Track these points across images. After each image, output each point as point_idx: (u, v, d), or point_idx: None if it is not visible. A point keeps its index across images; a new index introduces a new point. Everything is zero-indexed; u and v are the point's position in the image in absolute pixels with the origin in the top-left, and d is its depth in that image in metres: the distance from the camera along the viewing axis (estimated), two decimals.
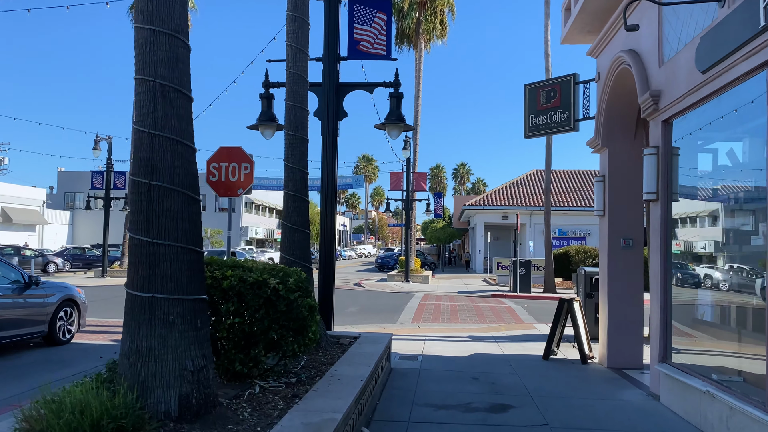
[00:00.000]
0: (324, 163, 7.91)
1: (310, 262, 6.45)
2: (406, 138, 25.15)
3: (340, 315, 13.46)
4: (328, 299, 7.80)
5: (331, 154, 7.90)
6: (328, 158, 7.89)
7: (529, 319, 13.67)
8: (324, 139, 7.90)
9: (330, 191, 7.95)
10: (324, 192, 7.97)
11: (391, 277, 26.37)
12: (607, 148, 7.97)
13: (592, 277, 10.25)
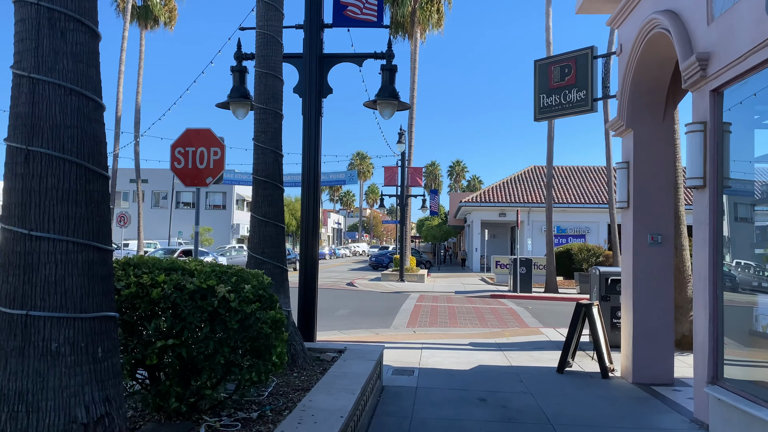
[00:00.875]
0: (306, 146, 6.82)
1: (285, 262, 5.36)
2: (401, 131, 24.07)
3: (328, 318, 12.37)
4: (310, 305, 6.71)
5: (314, 136, 6.81)
6: (311, 140, 6.81)
7: (533, 322, 12.63)
8: (306, 119, 6.81)
9: (313, 179, 6.87)
10: (306, 180, 6.88)
11: (385, 276, 25.30)
12: (632, 130, 6.91)
13: (607, 277, 9.21)
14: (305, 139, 6.83)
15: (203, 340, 3.18)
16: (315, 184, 6.88)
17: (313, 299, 6.72)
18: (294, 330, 5.23)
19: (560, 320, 13.01)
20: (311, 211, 6.85)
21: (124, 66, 28.24)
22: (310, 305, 6.70)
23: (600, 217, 35.56)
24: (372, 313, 13.88)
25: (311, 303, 6.71)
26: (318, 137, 6.85)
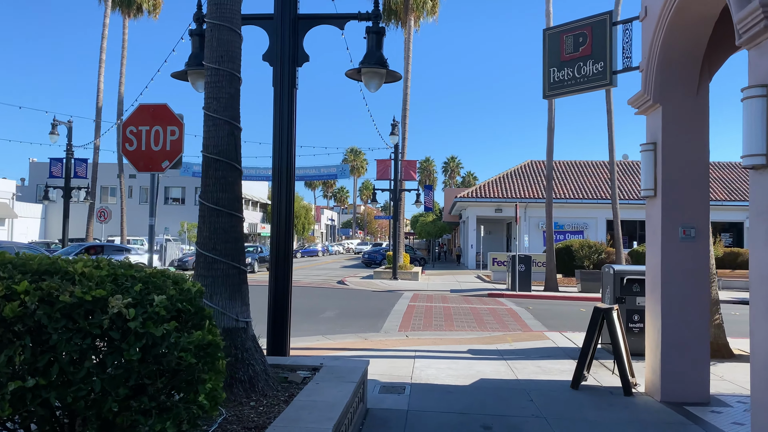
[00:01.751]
0: (277, 123, 5.78)
1: (243, 261, 4.31)
2: (394, 122, 23.02)
3: (313, 321, 11.34)
4: (282, 313, 5.68)
5: (288, 112, 5.77)
6: (284, 116, 5.76)
7: (536, 325, 11.64)
8: (277, 92, 5.77)
9: (286, 163, 5.83)
10: (277, 163, 5.84)
11: (377, 274, 24.27)
12: (660, 106, 5.89)
13: (623, 277, 8.22)
14: (277, 116, 5.78)
15: (84, 378, 2.13)
16: (288, 168, 5.84)
17: (285, 306, 5.68)
18: (253, 346, 4.19)
19: (565, 323, 12.02)
20: (284, 202, 5.81)
21: (105, 54, 27.02)
22: (282, 313, 5.66)
23: (599, 213, 34.70)
24: (361, 314, 12.85)
25: (283, 310, 5.67)
26: (292, 112, 5.81)
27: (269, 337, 5.66)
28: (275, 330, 5.63)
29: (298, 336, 9.63)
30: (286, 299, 5.70)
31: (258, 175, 31.32)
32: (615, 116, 19.92)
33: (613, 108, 19.79)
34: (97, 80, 26.98)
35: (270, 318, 5.71)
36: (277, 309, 5.68)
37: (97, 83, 27.00)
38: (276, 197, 5.80)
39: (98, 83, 26.99)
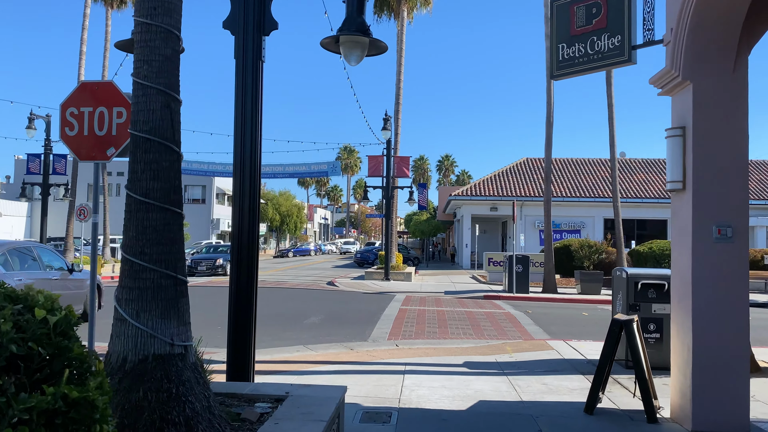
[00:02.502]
0: (240, 102, 4.87)
1: (181, 268, 3.40)
2: (386, 116, 22.12)
3: (295, 329, 10.43)
4: (244, 328, 4.77)
5: (252, 88, 4.86)
6: (247, 94, 4.86)
7: (537, 331, 10.78)
8: (240, 65, 4.86)
9: (250, 150, 4.92)
10: (240, 150, 4.93)
11: (369, 274, 23.37)
12: (690, 83, 5.03)
13: (637, 281, 7.35)
14: (239, 93, 4.87)
15: None
16: (253, 155, 4.93)
17: (248, 319, 4.77)
18: (194, 377, 3.28)
19: (568, 329, 11.17)
20: (248, 197, 4.91)
21: (85, 47, 25.96)
22: (245, 328, 4.75)
23: (595, 212, 33.97)
24: (349, 319, 11.94)
25: (246, 325, 4.76)
26: (258, 89, 4.90)
27: (229, 358, 4.75)
28: (236, 349, 4.73)
29: (277, 346, 8.74)
30: (250, 311, 4.79)
31: None
32: (614, 111, 19.13)
33: (614, 102, 18.99)
34: (78, 72, 25.93)
35: (230, 335, 4.80)
36: (238, 324, 4.77)
37: (78, 76, 25.95)
38: (238, 190, 4.90)
39: (78, 76, 25.95)
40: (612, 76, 18.78)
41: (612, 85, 18.82)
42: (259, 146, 4.97)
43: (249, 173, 4.93)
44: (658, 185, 34.68)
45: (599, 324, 11.86)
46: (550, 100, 19.18)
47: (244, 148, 4.90)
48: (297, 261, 46.68)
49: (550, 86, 19.19)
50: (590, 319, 12.64)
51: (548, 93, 19.22)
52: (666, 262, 20.59)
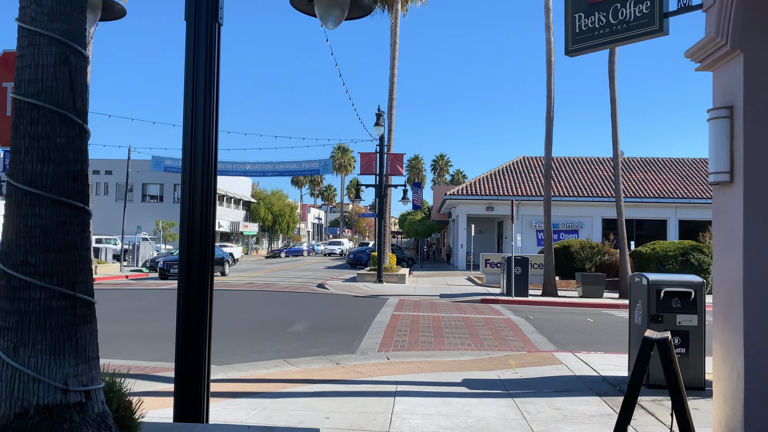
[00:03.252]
0: (190, 75, 3.95)
1: (84, 286, 2.48)
2: (379, 111, 21.21)
3: (277, 339, 9.48)
4: (195, 355, 3.86)
5: (206, 58, 3.95)
6: (200, 65, 3.95)
7: (540, 341, 9.89)
8: (191, 28, 3.95)
9: (203, 131, 4.00)
10: (191, 133, 4.00)
11: (361, 276, 22.44)
12: (741, 53, 4.15)
13: (660, 289, 6.48)
14: (190, 65, 3.96)
15: None
16: (207, 139, 4.01)
17: (200, 344, 3.86)
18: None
19: (574, 337, 10.31)
20: (201, 193, 3.99)
21: None
22: (195, 354, 3.84)
23: (594, 211, 33.20)
24: (337, 327, 11.03)
25: (197, 351, 3.85)
26: (213, 58, 3.98)
27: (177, 389, 3.83)
28: (185, 380, 3.80)
29: (254, 360, 7.82)
30: (202, 334, 3.87)
31: (235, 171, 29.37)
32: (617, 106, 18.30)
33: (617, 96, 18.16)
34: None
35: (178, 363, 3.88)
36: (188, 349, 3.85)
37: None
38: (188, 185, 3.98)
39: None
40: (615, 70, 17.95)
41: (615, 79, 18.00)
42: (214, 126, 4.05)
43: (202, 163, 4.01)
44: (658, 184, 33.97)
45: (607, 332, 11.00)
46: (550, 94, 18.33)
47: (195, 129, 3.98)
48: (289, 262, 45.72)
49: (551, 80, 18.35)
50: (596, 327, 11.78)
51: (548, 87, 18.37)
52: (670, 264, 19.79)
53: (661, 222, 33.22)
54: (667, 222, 32.90)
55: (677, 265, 19.62)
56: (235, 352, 8.44)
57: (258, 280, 24.36)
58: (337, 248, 62.78)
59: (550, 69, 18.28)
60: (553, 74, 18.33)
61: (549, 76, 18.33)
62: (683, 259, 19.67)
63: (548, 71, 18.36)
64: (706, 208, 32.24)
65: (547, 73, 18.38)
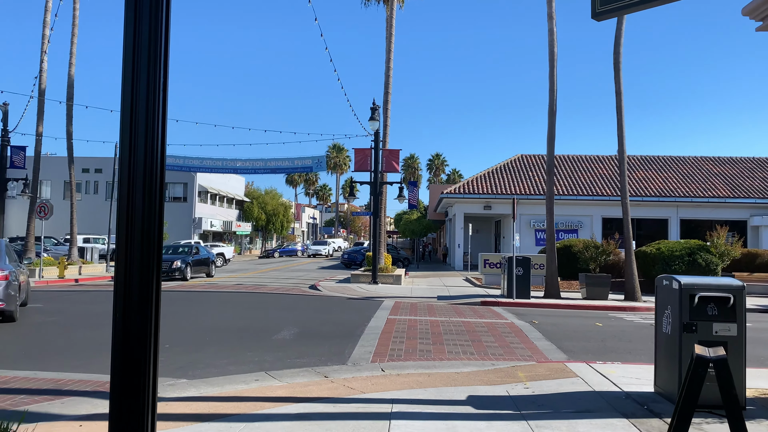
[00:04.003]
0: (129, 46, 3.09)
1: None
2: (374, 105, 20.38)
3: (261, 347, 8.60)
4: (134, 382, 3.00)
5: (151, 19, 3.09)
6: (142, 36, 3.09)
7: (549, 348, 9.08)
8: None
9: (146, 113, 3.13)
10: (130, 101, 3.14)
11: (355, 277, 21.60)
12: None
13: (693, 294, 5.66)
14: (129, 34, 3.09)
15: None
16: (150, 124, 3.15)
17: (141, 375, 3.00)
18: None
19: (585, 345, 9.50)
20: (144, 192, 3.12)
21: (48, 30, 23.95)
22: (137, 387, 2.98)
23: (593, 211, 32.49)
24: (328, 333, 10.18)
25: (138, 383, 2.99)
26: (159, 25, 3.11)
27: (111, 427, 2.97)
28: (122, 414, 2.95)
29: (232, 373, 6.98)
30: (145, 367, 3.01)
31: (225, 168, 28.47)
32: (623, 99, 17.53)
33: (623, 89, 17.39)
34: (40, 59, 23.91)
35: (114, 394, 3.02)
36: (126, 374, 2.99)
37: (40, 63, 23.93)
38: (126, 182, 3.11)
39: (41, 62, 23.92)
40: (620, 61, 17.18)
41: (620, 71, 17.23)
42: (160, 98, 3.18)
43: (145, 153, 3.14)
44: (659, 183, 33.28)
45: (619, 338, 10.20)
46: (553, 86, 17.54)
47: (136, 113, 3.11)
48: (282, 262, 44.83)
49: (553, 72, 17.56)
50: (607, 332, 10.98)
51: (551, 79, 17.58)
52: (676, 264, 19.04)
53: (662, 221, 32.54)
54: (668, 221, 32.21)
55: (684, 265, 18.89)
56: (212, 363, 7.59)
57: (248, 281, 23.47)
58: (324, 249, 56.68)
59: (552, 60, 17.50)
60: (555, 66, 17.55)
61: (552, 67, 17.54)
62: (690, 259, 18.94)
63: (551, 63, 17.58)
64: (708, 208, 31.58)
65: (550, 64, 17.60)
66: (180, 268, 22.48)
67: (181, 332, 9.97)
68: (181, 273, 22.51)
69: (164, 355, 8.03)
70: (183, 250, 24.66)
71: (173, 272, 22.39)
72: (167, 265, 22.47)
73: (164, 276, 22.72)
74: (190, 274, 23.16)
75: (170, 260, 22.72)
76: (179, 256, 23.42)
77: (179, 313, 12.81)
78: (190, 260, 23.46)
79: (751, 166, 35.98)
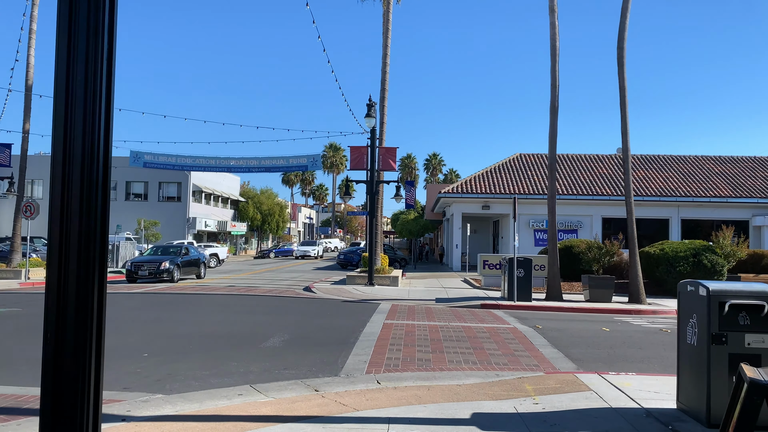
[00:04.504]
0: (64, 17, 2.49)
1: None
2: (371, 102, 19.79)
3: (247, 357, 7.97)
4: (66, 412, 2.40)
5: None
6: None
7: (556, 356, 8.52)
8: None
9: (84, 95, 2.53)
10: (65, 72, 2.54)
11: (351, 278, 21.00)
12: None
13: (723, 301, 5.10)
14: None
15: None
16: (93, 108, 2.55)
17: (78, 405, 2.40)
18: None
19: (594, 352, 8.94)
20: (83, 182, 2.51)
21: (36, 24, 23.27)
22: (66, 412, 2.39)
23: (593, 210, 31.99)
24: (320, 340, 9.59)
25: (71, 417, 2.40)
26: None
27: None
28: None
29: (214, 387, 6.38)
30: (82, 386, 2.42)
31: (218, 167, 27.85)
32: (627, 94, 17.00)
33: (627, 84, 16.86)
34: (27, 53, 23.23)
35: (45, 424, 2.43)
36: (58, 405, 2.40)
37: (27, 57, 23.25)
38: (59, 176, 2.52)
39: (28, 57, 23.25)
40: (624, 56, 16.65)
41: (624, 65, 16.69)
42: (102, 75, 2.58)
43: (84, 145, 2.55)
44: (659, 182, 32.80)
45: (629, 344, 9.64)
46: (555, 82, 16.99)
47: (73, 80, 2.52)
48: (277, 262, 44.20)
49: (555, 67, 17.02)
50: (615, 338, 10.43)
51: (553, 74, 17.03)
52: (681, 265, 18.52)
53: (663, 221, 32.04)
54: (669, 221, 31.72)
55: (688, 266, 18.37)
56: (193, 374, 6.99)
57: (241, 282, 22.85)
58: (312, 250, 52.26)
59: (554, 55, 16.95)
60: (557, 60, 17.00)
61: (553, 62, 16.99)
62: (695, 260, 18.42)
63: (552, 57, 17.03)
64: (709, 207, 31.11)
65: (552, 59, 17.05)
66: (168, 269, 21.67)
67: (162, 339, 9.37)
68: (169, 274, 21.73)
69: (141, 365, 7.43)
70: (172, 251, 23.77)
71: (161, 273, 21.63)
72: (154, 266, 21.58)
73: (152, 278, 21.86)
74: (178, 276, 22.40)
75: (158, 261, 21.93)
76: (167, 257, 22.61)
77: (163, 317, 12.19)
78: (179, 261, 22.65)
79: (752, 165, 35.53)
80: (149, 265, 21.71)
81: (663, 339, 10.16)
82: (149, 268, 21.58)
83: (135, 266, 21.86)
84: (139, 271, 21.54)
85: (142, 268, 21.57)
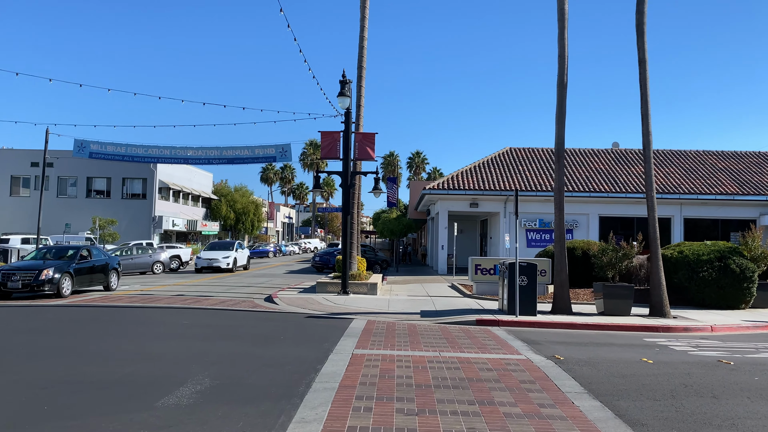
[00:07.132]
0: None
1: None
2: (345, 78, 16.85)
3: (133, 424, 4.97)
4: None
5: None
6: None
7: (602, 417, 5.67)
8: None
9: None
10: None
11: (322, 286, 18.01)
12: None
13: None
14: None
15: None
16: None
17: None
18: None
19: (655, 406, 6.07)
20: None
21: None
22: None
23: (590, 209, 29.45)
24: (256, 386, 6.62)
25: None
26: None
27: None
28: None
29: None
30: None
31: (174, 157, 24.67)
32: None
33: (647, 57, 14.20)
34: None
35: None
36: None
37: None
38: None
39: None
40: (644, 22, 13.99)
41: (644, 35, 14.04)
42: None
43: None
44: (660, 178, 30.37)
45: (695, 390, 6.77)
46: (563, 52, 14.26)
47: None
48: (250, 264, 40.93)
49: (563, 34, 14.28)
50: (668, 376, 7.62)
51: (561, 44, 14.30)
52: (705, 270, 15.87)
53: (665, 220, 29.55)
54: (671, 220, 29.30)
55: (714, 271, 15.76)
56: None
57: (192, 290, 19.70)
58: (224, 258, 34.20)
59: (562, 19, 14.22)
60: (566, 27, 14.28)
61: (561, 29, 14.26)
62: (721, 265, 15.81)
63: (560, 24, 14.31)
64: (714, 205, 28.78)
65: (560, 26, 14.32)
66: (51, 278, 15.76)
67: (7, 389, 6.32)
68: (54, 287, 15.82)
69: None
70: (69, 254, 17.50)
71: (40, 285, 15.66)
72: (31, 275, 15.69)
73: (27, 291, 15.66)
74: (71, 288, 16.46)
75: (37, 269, 15.91)
76: (54, 263, 16.52)
77: (27, 351, 8.47)
78: (71, 268, 16.64)
79: (758, 161, 33.35)
80: (23, 274, 15.71)
81: (735, 379, 7.40)
82: (23, 278, 15.65)
83: (4, 276, 15.71)
84: (9, 283, 15.60)
85: (13, 278, 15.63)
